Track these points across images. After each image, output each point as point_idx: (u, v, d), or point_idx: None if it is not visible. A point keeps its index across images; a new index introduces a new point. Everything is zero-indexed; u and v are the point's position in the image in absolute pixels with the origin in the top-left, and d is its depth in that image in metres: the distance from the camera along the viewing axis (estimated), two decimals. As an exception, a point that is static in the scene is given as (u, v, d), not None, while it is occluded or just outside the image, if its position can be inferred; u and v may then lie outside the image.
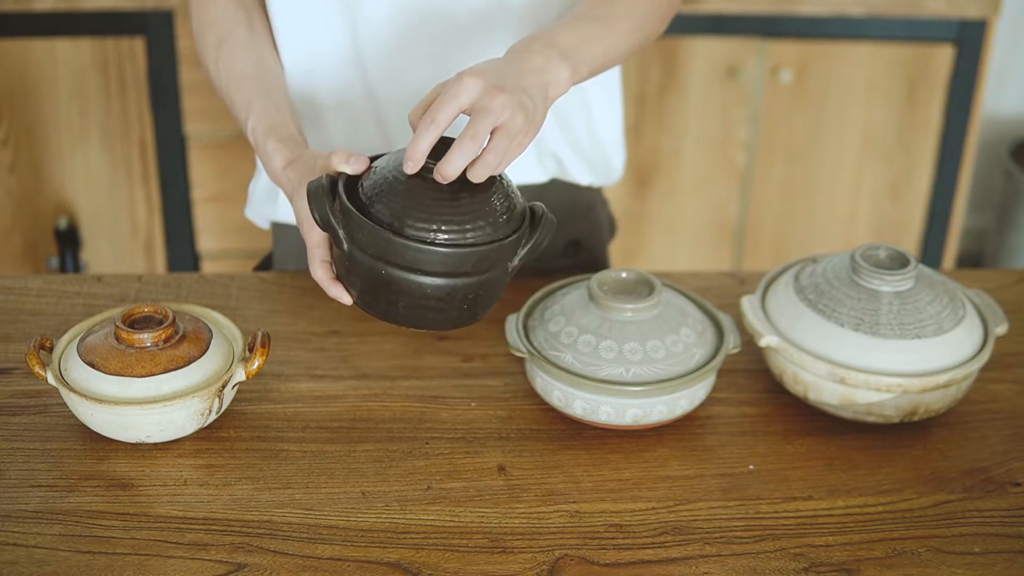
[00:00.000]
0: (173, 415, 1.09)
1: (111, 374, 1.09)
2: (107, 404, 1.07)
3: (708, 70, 2.46)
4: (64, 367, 1.12)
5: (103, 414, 1.08)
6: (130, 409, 1.07)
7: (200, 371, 1.11)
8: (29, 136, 2.39)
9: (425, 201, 1.00)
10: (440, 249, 0.99)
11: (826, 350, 1.15)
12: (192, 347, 1.12)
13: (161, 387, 1.09)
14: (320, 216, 1.02)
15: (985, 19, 2.41)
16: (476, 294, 1.03)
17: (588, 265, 1.51)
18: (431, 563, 0.99)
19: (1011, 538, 1.04)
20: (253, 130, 1.21)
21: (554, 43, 1.11)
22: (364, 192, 1.02)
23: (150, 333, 1.11)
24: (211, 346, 1.13)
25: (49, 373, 1.11)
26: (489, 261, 1.02)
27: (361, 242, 1.01)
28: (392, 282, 1.01)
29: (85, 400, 1.08)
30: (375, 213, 1.00)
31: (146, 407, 1.07)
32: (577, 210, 1.49)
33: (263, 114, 1.21)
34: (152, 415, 1.08)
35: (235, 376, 1.12)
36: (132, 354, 1.10)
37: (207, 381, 1.11)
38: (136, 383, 1.09)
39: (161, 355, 1.10)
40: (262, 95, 1.24)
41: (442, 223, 0.99)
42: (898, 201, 2.62)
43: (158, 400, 1.08)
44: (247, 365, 1.13)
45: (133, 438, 1.10)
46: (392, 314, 1.04)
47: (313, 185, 1.03)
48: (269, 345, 1.14)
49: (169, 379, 1.10)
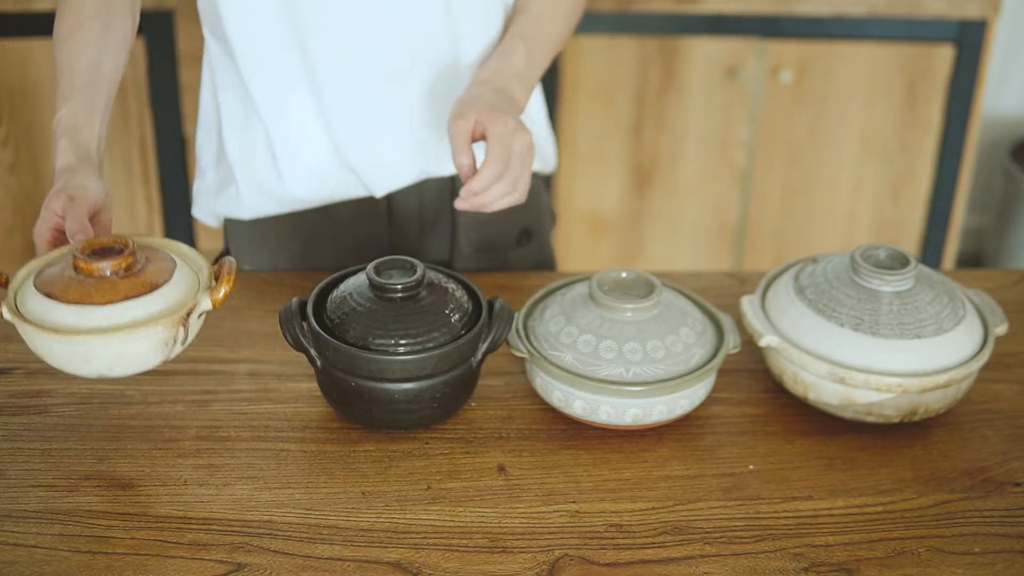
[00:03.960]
0: (136, 345, 1.04)
1: (69, 303, 1.03)
2: (65, 335, 1.02)
3: (708, 70, 2.46)
4: (20, 300, 1.07)
5: (62, 346, 1.03)
6: (90, 340, 1.02)
7: (162, 299, 1.06)
8: (29, 136, 2.39)
9: (384, 319, 1.10)
10: (400, 357, 1.09)
11: (826, 350, 1.15)
12: (154, 275, 1.07)
13: (122, 315, 1.04)
14: (292, 338, 1.13)
15: (985, 19, 2.41)
16: (443, 392, 1.12)
17: (537, 253, 1.54)
18: (431, 563, 0.99)
19: (1011, 538, 1.04)
20: (59, 120, 1.20)
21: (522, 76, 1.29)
22: (329, 315, 1.13)
23: (110, 262, 1.05)
24: (175, 275, 1.08)
25: (3, 307, 1.05)
26: (450, 361, 1.11)
27: (331, 359, 1.11)
28: (363, 391, 1.11)
29: (42, 332, 1.02)
30: (340, 333, 1.11)
31: (107, 336, 1.02)
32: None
33: (75, 111, 1.21)
34: (113, 345, 1.03)
35: (200, 304, 1.07)
36: (91, 283, 1.04)
37: (170, 309, 1.06)
38: (96, 311, 1.03)
39: (122, 283, 1.05)
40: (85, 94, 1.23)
41: (400, 336, 1.10)
42: (898, 201, 2.62)
43: (119, 328, 1.03)
44: (213, 293, 1.08)
45: (94, 372, 1.05)
46: (368, 419, 1.13)
47: (284, 310, 1.14)
48: (236, 273, 1.09)
49: (130, 306, 1.04)
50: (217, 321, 1.30)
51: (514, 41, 1.31)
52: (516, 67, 1.28)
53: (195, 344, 1.26)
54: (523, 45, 1.30)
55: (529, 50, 1.30)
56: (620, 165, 2.56)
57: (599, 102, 2.49)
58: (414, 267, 1.13)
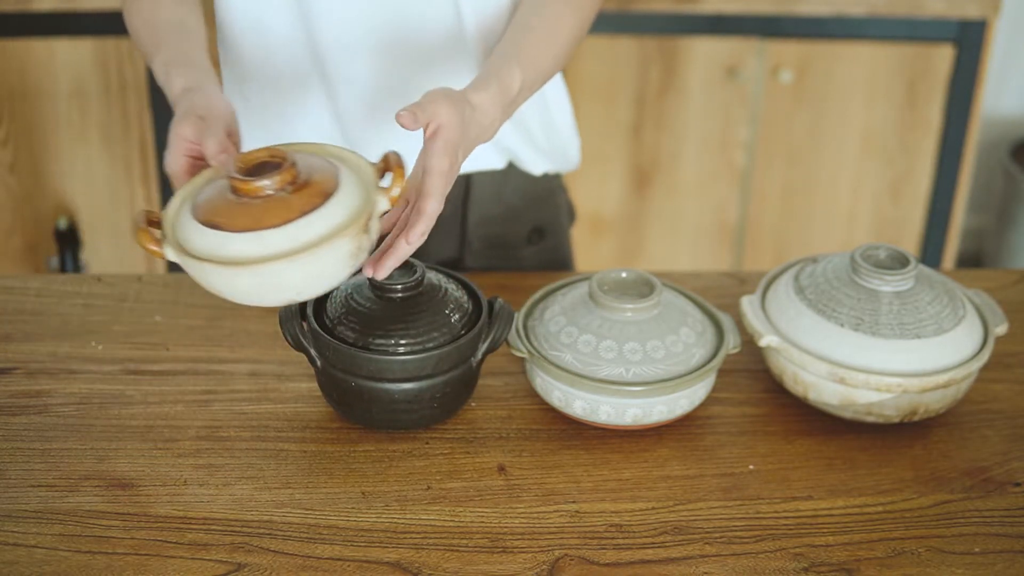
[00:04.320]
0: (324, 262, 0.95)
1: (241, 230, 0.94)
2: (249, 266, 0.93)
3: (708, 70, 2.46)
4: (184, 238, 0.97)
5: (247, 278, 0.94)
6: (276, 266, 0.93)
7: (340, 207, 0.96)
8: (29, 136, 2.39)
9: (384, 319, 1.10)
10: (400, 357, 1.08)
11: (826, 350, 1.15)
12: (322, 184, 0.97)
13: (303, 233, 0.94)
14: (292, 338, 1.12)
15: (985, 19, 2.40)
16: (443, 392, 1.12)
17: (552, 251, 1.53)
18: (431, 563, 0.99)
19: (1011, 538, 1.04)
20: (163, 64, 1.16)
21: (507, 90, 1.15)
22: (329, 315, 1.12)
23: (273, 178, 0.95)
24: (341, 180, 0.98)
25: (168, 248, 0.96)
26: (450, 361, 1.11)
27: (331, 359, 1.11)
28: (363, 391, 1.10)
29: (223, 267, 0.93)
30: (339, 333, 1.10)
31: (293, 259, 0.93)
32: (538, 197, 1.50)
33: (175, 50, 1.18)
34: (301, 266, 0.94)
35: (379, 205, 0.98)
36: (259, 205, 0.95)
37: (351, 217, 0.96)
38: (274, 235, 0.94)
39: (293, 199, 0.95)
40: (176, 39, 1.20)
41: (400, 336, 1.09)
42: (898, 201, 2.62)
43: (305, 248, 0.93)
44: (388, 192, 0.98)
45: (283, 299, 0.97)
46: (368, 419, 1.13)
47: (284, 310, 1.13)
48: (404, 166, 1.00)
49: (309, 222, 0.94)
50: (217, 321, 1.30)
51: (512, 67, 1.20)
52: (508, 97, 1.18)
53: (195, 344, 1.26)
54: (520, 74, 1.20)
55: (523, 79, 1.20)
56: (620, 165, 2.55)
57: (599, 102, 2.49)
58: (414, 267, 1.13)
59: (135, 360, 1.23)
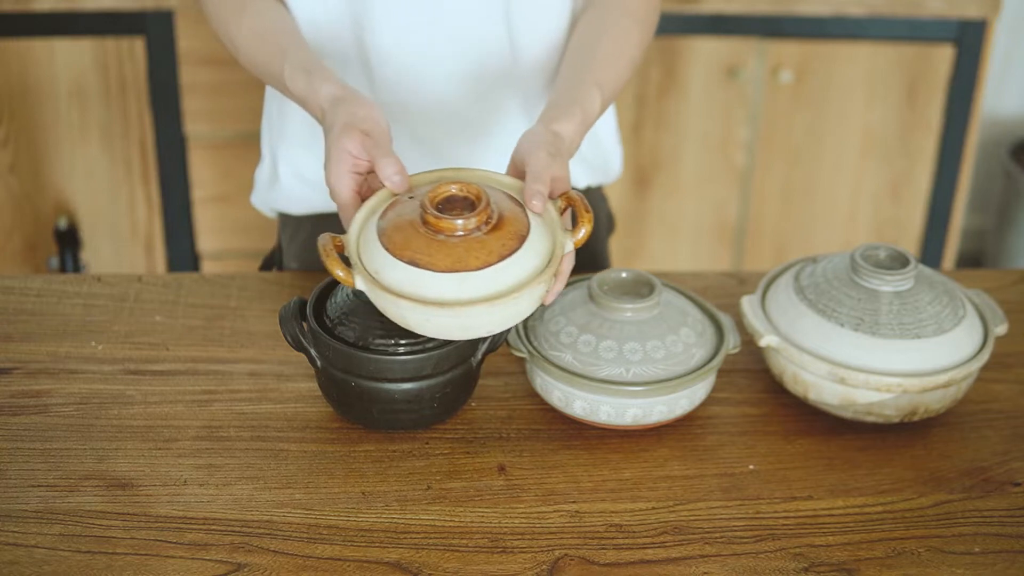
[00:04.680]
0: (519, 306, 0.97)
1: (443, 271, 0.95)
2: (450, 307, 0.94)
3: (708, 70, 2.46)
4: (373, 268, 0.99)
5: (444, 319, 0.96)
6: (476, 310, 0.95)
7: (533, 251, 0.97)
8: (29, 136, 2.39)
9: (385, 319, 1.06)
10: (400, 357, 1.08)
11: (826, 350, 1.15)
12: (514, 224, 0.97)
13: (502, 278, 0.95)
14: (292, 338, 1.12)
15: (985, 19, 2.40)
16: (443, 392, 1.12)
17: (588, 261, 1.52)
18: (431, 563, 0.99)
19: (1011, 538, 1.04)
20: (292, 72, 1.15)
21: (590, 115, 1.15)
22: (329, 315, 1.12)
23: (472, 218, 0.95)
24: (531, 220, 0.98)
25: (358, 277, 0.97)
26: (450, 361, 1.10)
27: (331, 359, 1.10)
28: (363, 391, 1.10)
29: (422, 306, 0.94)
30: (339, 333, 1.10)
31: (493, 304, 0.94)
32: None
33: (303, 54, 1.17)
34: (497, 311, 0.96)
35: (566, 248, 0.99)
36: (457, 244, 0.95)
37: (543, 261, 0.97)
38: (474, 278, 0.95)
39: (490, 240, 0.95)
40: (294, 44, 1.20)
41: (400, 336, 1.08)
42: (898, 201, 2.62)
43: (506, 293, 0.95)
44: (574, 234, 0.99)
45: (470, 336, 1.00)
46: (368, 419, 1.13)
47: (284, 310, 1.12)
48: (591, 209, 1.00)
49: (507, 267, 0.95)
50: (217, 321, 1.30)
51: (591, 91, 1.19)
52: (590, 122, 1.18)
53: (195, 344, 1.26)
54: (599, 96, 1.20)
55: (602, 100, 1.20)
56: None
57: (599, 102, 2.48)
58: None
59: (135, 360, 1.23)
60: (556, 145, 1.08)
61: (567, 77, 1.21)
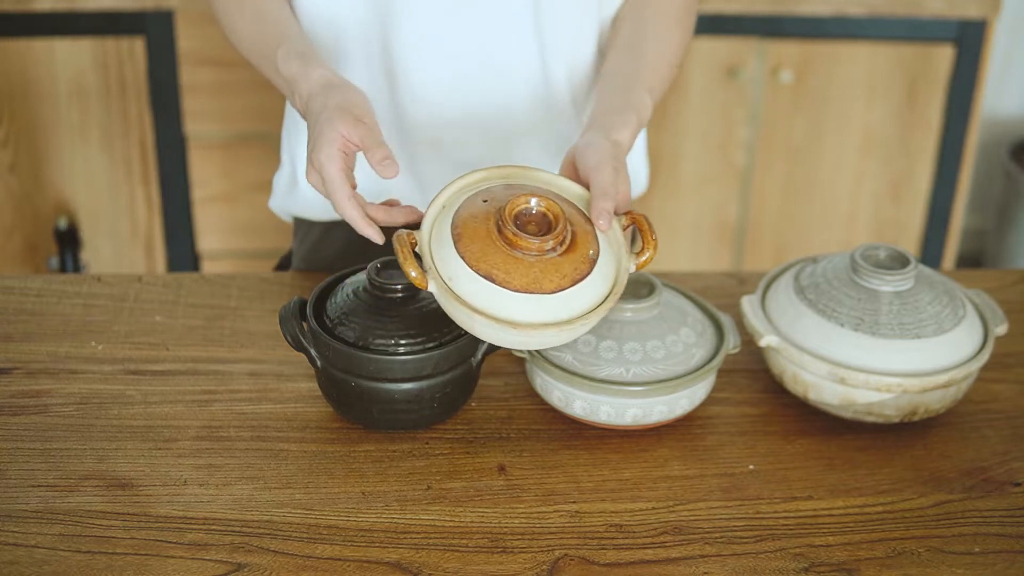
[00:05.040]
0: (585, 329, 0.98)
1: (518, 291, 0.95)
2: (525, 328, 0.94)
3: (708, 70, 2.46)
4: (447, 275, 0.99)
5: (516, 336, 0.96)
6: (547, 332, 0.95)
7: (602, 276, 0.97)
8: (29, 136, 2.39)
9: (384, 319, 1.09)
10: (400, 357, 1.08)
11: (826, 350, 1.15)
12: (586, 245, 0.96)
13: (574, 303, 0.95)
14: (292, 338, 1.12)
15: (985, 19, 2.41)
16: (443, 392, 1.12)
17: None
18: (431, 563, 0.99)
19: (1011, 538, 1.04)
20: (284, 55, 1.17)
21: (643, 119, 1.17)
22: (329, 315, 1.12)
23: (550, 238, 0.95)
24: (600, 241, 0.98)
25: (432, 283, 0.96)
26: (450, 361, 1.11)
27: (331, 359, 1.10)
28: (363, 391, 1.10)
29: (497, 323, 0.94)
30: (339, 333, 1.10)
31: (562, 328, 0.95)
32: None
33: (299, 42, 1.18)
34: (570, 333, 0.97)
35: (630, 271, 1.01)
36: (533, 263, 0.95)
37: (610, 286, 0.98)
38: (548, 301, 0.95)
39: (564, 263, 0.95)
40: (293, 32, 1.21)
41: (400, 336, 1.09)
42: (898, 201, 2.62)
43: (575, 320, 0.95)
44: (638, 257, 1.00)
45: (529, 348, 1.00)
46: (368, 419, 1.13)
47: (284, 310, 1.13)
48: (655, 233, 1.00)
49: (580, 291, 0.95)
50: (217, 321, 1.30)
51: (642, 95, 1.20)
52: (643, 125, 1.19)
53: (195, 344, 1.26)
54: (649, 99, 1.20)
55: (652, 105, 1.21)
56: (620, 165, 2.55)
57: (599, 102, 2.48)
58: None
59: (135, 360, 1.23)
60: (620, 158, 1.08)
61: (617, 82, 1.21)
